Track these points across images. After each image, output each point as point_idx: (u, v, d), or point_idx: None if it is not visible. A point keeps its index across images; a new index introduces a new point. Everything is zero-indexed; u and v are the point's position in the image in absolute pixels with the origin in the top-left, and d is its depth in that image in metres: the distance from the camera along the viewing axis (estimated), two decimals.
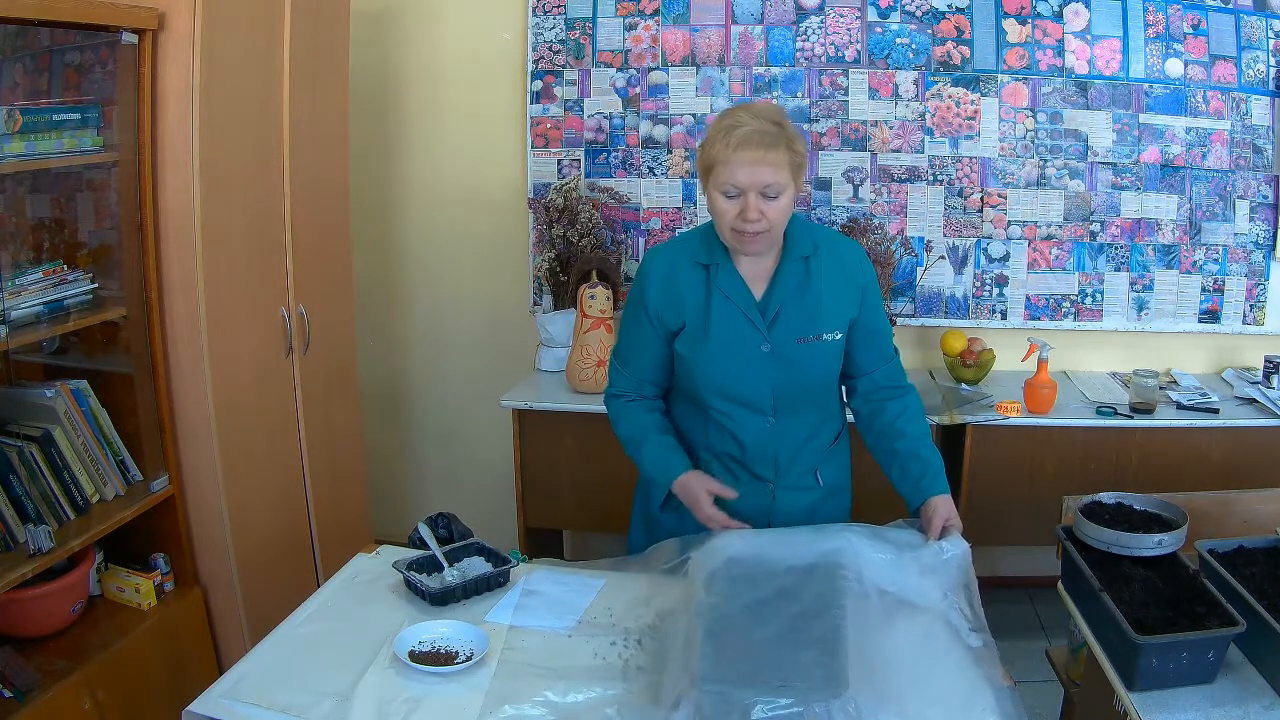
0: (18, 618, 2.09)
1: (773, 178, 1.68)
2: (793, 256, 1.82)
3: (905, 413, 1.89)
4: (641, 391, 1.94)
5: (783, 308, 1.80)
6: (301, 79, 2.56)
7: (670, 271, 1.84)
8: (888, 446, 1.87)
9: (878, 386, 1.91)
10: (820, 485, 1.93)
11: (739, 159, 1.67)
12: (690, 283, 1.83)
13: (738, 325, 1.80)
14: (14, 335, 2.01)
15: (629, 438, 1.93)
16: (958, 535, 1.74)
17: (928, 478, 1.81)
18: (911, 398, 1.92)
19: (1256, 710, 1.42)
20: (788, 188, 1.71)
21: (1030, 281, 3.20)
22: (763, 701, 1.31)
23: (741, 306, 1.80)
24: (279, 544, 2.63)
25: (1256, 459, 2.76)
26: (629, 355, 1.93)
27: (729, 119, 1.71)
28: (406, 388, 3.61)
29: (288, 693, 1.47)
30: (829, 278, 1.82)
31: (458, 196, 3.41)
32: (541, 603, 1.75)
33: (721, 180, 1.70)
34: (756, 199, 1.68)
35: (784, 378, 1.82)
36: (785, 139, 1.69)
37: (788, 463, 1.89)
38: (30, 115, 2.01)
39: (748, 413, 1.84)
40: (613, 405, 1.97)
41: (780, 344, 1.80)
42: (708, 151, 1.73)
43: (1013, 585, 3.36)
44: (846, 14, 3.12)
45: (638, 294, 1.88)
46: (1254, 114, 3.07)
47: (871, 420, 1.91)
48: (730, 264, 1.81)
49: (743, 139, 1.66)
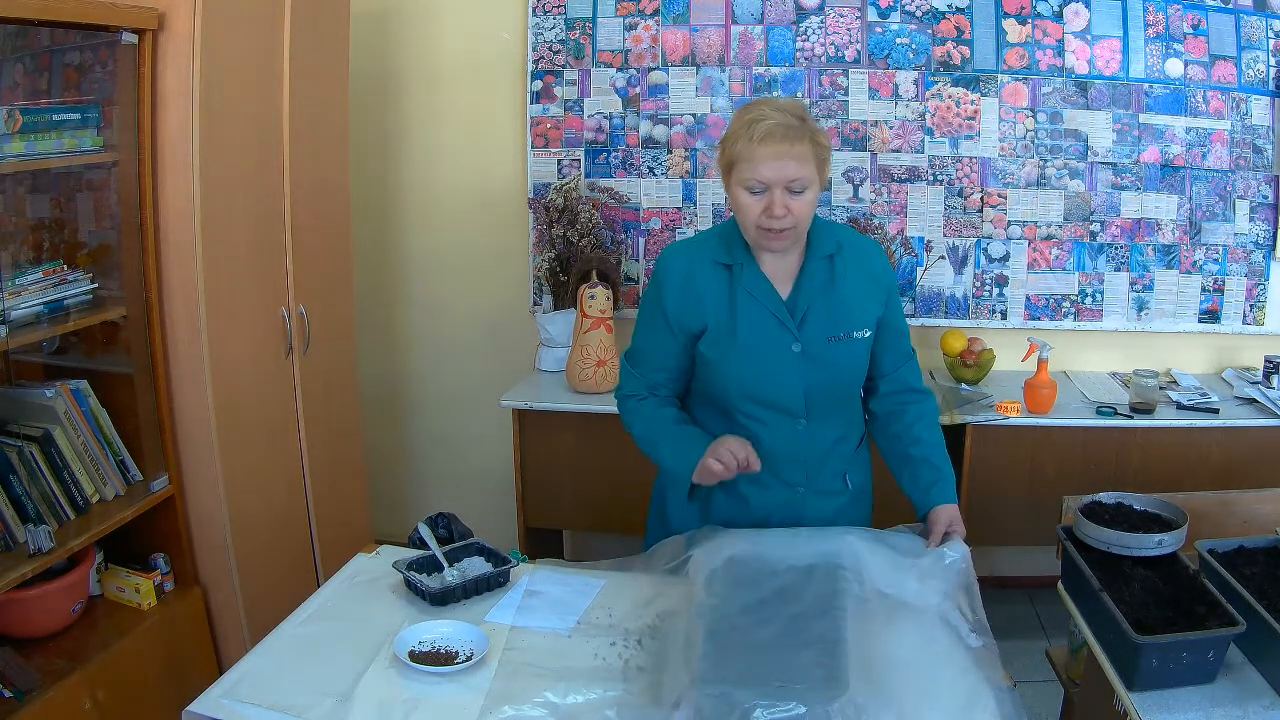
0: (18, 618, 2.09)
1: (798, 172, 1.64)
2: (817, 255, 1.77)
3: (923, 419, 1.87)
4: (654, 392, 1.88)
5: (811, 307, 1.76)
6: (301, 79, 2.56)
7: (689, 272, 1.79)
8: (902, 451, 1.86)
9: (899, 388, 1.89)
10: (849, 489, 1.90)
11: (763, 153, 1.63)
12: (711, 284, 1.78)
13: (766, 326, 1.76)
14: (14, 335, 2.01)
15: (644, 436, 1.87)
16: (958, 540, 1.74)
17: (938, 486, 1.80)
18: (929, 404, 1.90)
19: (1256, 710, 1.42)
20: (813, 182, 1.67)
21: (1030, 281, 3.20)
22: (763, 703, 1.31)
23: (769, 307, 1.75)
24: (279, 544, 2.63)
25: (1256, 459, 2.76)
26: (643, 357, 1.88)
27: (751, 113, 1.67)
28: (406, 388, 3.61)
29: (288, 693, 1.47)
30: (854, 276, 1.79)
31: (458, 196, 3.41)
32: (542, 603, 1.75)
33: (745, 176, 1.66)
34: (782, 194, 1.65)
35: (817, 378, 1.77)
36: (809, 132, 1.65)
37: (818, 467, 1.85)
38: (30, 115, 2.01)
39: (779, 416, 1.79)
40: (625, 406, 1.91)
41: (811, 343, 1.76)
42: (730, 148, 1.68)
43: (1013, 585, 3.35)
44: (846, 14, 3.12)
45: (654, 295, 1.83)
46: (1254, 114, 3.07)
47: (889, 423, 1.89)
48: (754, 263, 1.77)
49: (766, 132, 1.62)
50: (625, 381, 1.92)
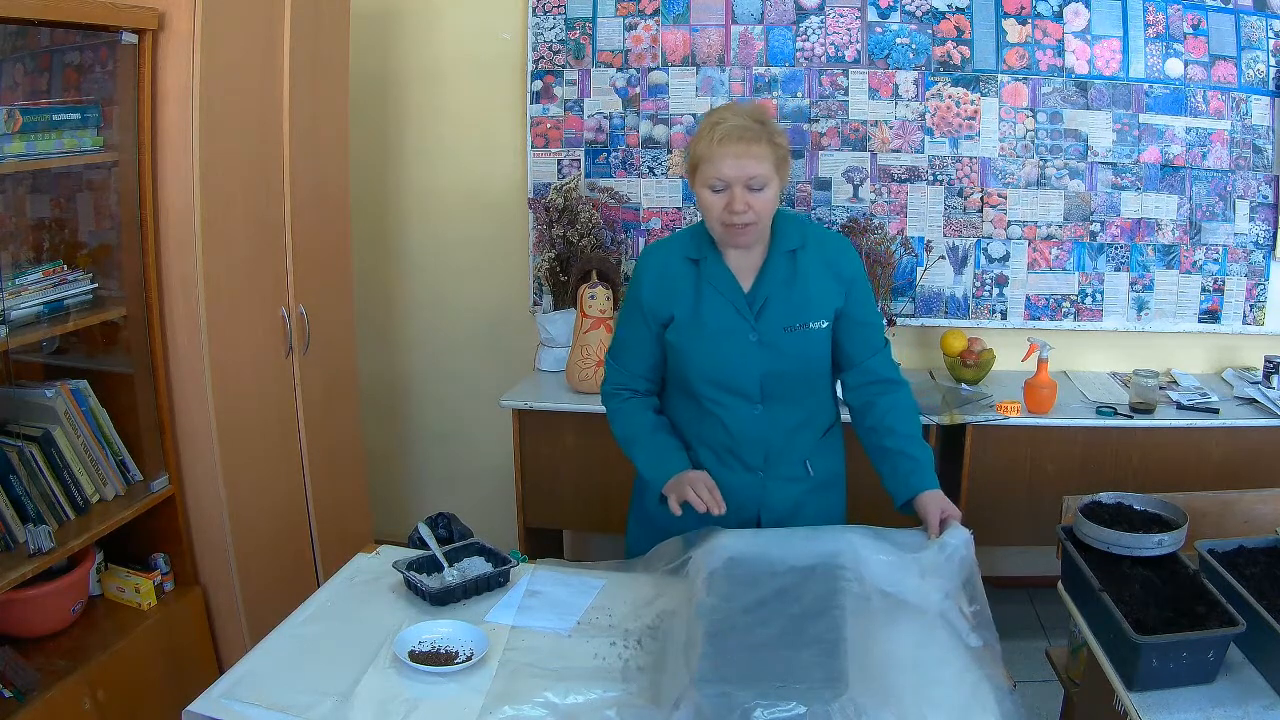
0: (18, 618, 2.09)
1: (757, 169, 1.75)
2: (780, 250, 1.88)
3: (895, 409, 1.91)
4: (634, 386, 1.99)
5: (770, 299, 1.86)
6: (301, 79, 2.56)
7: (663, 267, 1.92)
8: (877, 443, 1.91)
9: (868, 379, 1.94)
10: (810, 475, 1.96)
11: (723, 153, 1.74)
12: (681, 277, 1.89)
13: (727, 316, 1.86)
14: (14, 335, 2.01)
15: (624, 436, 1.98)
16: (957, 525, 1.74)
17: (916, 474, 1.83)
18: (903, 393, 1.94)
19: (1256, 710, 1.42)
20: (772, 180, 1.78)
21: (1030, 281, 3.20)
22: (763, 703, 1.31)
23: (730, 298, 1.87)
24: (279, 544, 2.63)
25: (1256, 459, 2.76)
26: (623, 350, 1.99)
27: (713, 117, 1.80)
28: (406, 388, 3.61)
29: (288, 693, 1.47)
30: (814, 270, 1.88)
31: (458, 196, 3.41)
32: (543, 603, 1.75)
33: (708, 175, 1.77)
34: (742, 191, 1.76)
35: (773, 365, 1.87)
36: (767, 134, 1.77)
37: (778, 452, 1.93)
38: (30, 115, 2.01)
39: (738, 400, 1.89)
40: (610, 404, 2.02)
41: (768, 333, 1.86)
42: (695, 149, 1.80)
43: (1013, 585, 3.35)
44: (846, 14, 3.12)
45: (634, 290, 1.95)
46: (1254, 114, 3.07)
47: (864, 415, 1.94)
48: (719, 258, 1.88)
49: (726, 133, 1.74)
50: (609, 374, 2.03)
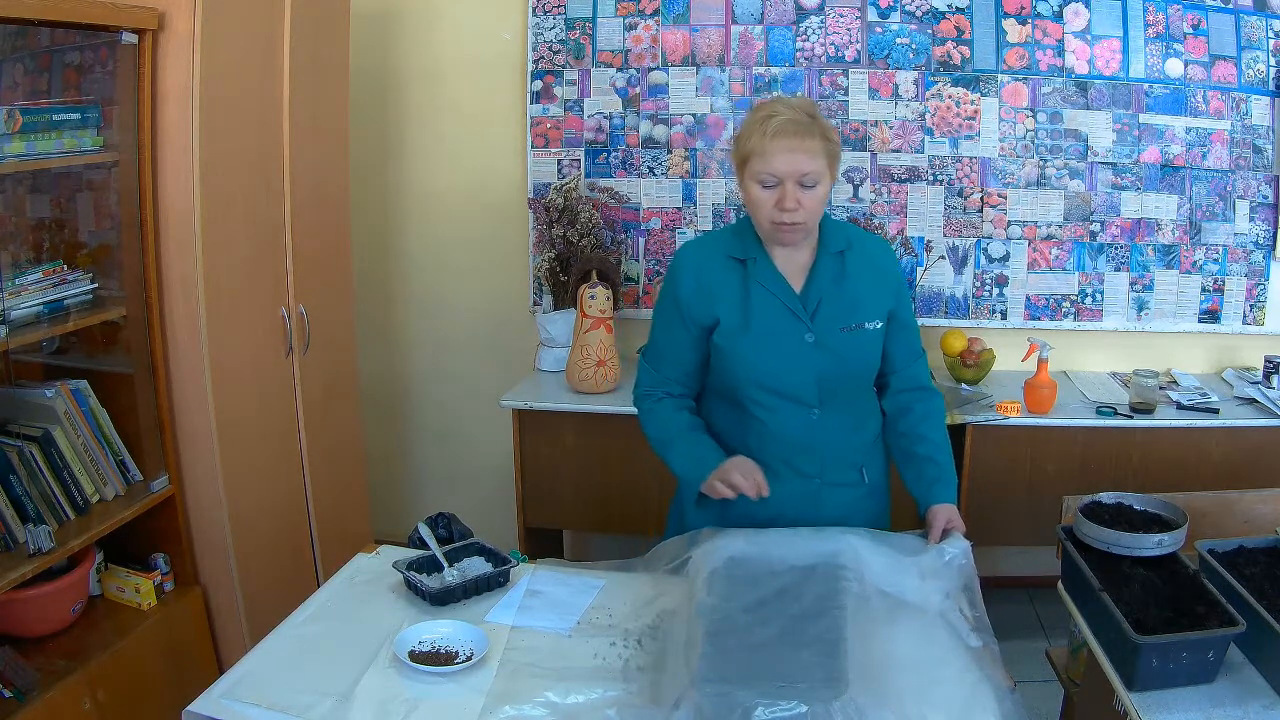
0: (18, 618, 2.09)
1: (809, 166, 1.69)
2: (828, 251, 1.82)
3: (930, 418, 1.89)
4: (669, 390, 1.91)
5: (824, 299, 1.80)
6: (301, 79, 2.56)
7: (701, 267, 1.84)
8: (907, 448, 1.89)
9: (909, 385, 1.92)
10: (865, 482, 1.91)
11: (776, 148, 1.68)
12: (724, 278, 1.82)
13: (779, 317, 1.80)
14: (14, 335, 2.01)
15: (658, 438, 1.90)
16: (958, 535, 1.75)
17: (940, 484, 1.82)
18: (937, 402, 1.93)
19: (1256, 710, 1.42)
20: (824, 177, 1.72)
21: (1030, 281, 3.20)
22: (763, 702, 1.31)
23: (783, 298, 1.80)
24: (279, 544, 2.63)
25: (1256, 459, 2.76)
26: (659, 354, 1.92)
27: (764, 110, 1.72)
28: (406, 388, 3.61)
29: (288, 693, 1.47)
30: (864, 272, 1.83)
31: (458, 196, 3.41)
32: (543, 603, 1.75)
33: (758, 170, 1.70)
34: (794, 188, 1.69)
35: (829, 367, 1.80)
36: (820, 128, 1.71)
37: (834, 457, 1.86)
38: (30, 115, 2.01)
39: (790, 405, 1.81)
40: (642, 405, 1.95)
41: (824, 334, 1.79)
42: (744, 144, 1.73)
43: (1013, 585, 3.35)
44: (846, 14, 3.12)
45: (669, 291, 1.87)
46: (1254, 114, 3.07)
47: (896, 419, 1.91)
48: (767, 258, 1.81)
49: (779, 128, 1.68)
50: (642, 378, 1.96)
